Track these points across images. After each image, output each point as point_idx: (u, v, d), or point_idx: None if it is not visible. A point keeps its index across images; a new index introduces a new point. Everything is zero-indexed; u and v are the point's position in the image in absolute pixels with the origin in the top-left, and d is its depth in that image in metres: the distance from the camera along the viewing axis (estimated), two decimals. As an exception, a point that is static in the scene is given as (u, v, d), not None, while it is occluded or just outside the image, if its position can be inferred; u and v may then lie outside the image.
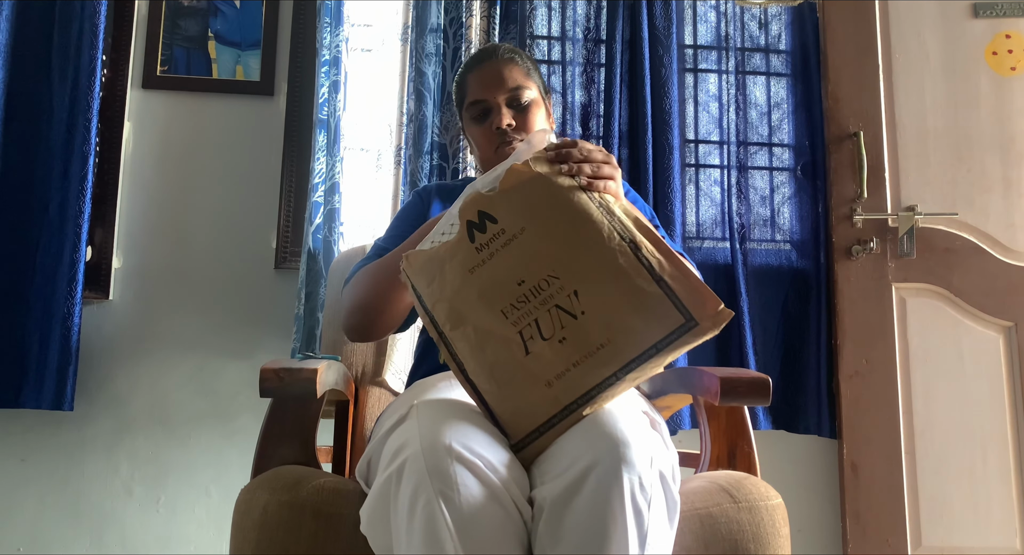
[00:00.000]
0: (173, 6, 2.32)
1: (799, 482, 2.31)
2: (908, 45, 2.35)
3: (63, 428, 2.16)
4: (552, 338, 1.03)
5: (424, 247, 1.13)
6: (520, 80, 1.48)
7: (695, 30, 2.43)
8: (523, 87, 1.48)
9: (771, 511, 1.20)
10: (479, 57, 1.53)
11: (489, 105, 1.48)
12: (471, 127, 1.52)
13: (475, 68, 1.51)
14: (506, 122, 1.46)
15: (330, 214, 2.12)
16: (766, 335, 2.29)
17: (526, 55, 1.56)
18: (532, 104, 1.49)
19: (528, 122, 1.48)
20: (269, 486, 1.15)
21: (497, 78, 1.48)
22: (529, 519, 1.01)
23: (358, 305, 1.41)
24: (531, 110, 1.48)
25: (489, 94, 1.47)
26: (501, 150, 1.47)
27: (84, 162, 2.09)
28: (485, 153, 1.50)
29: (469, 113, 1.50)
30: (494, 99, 1.47)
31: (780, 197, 2.38)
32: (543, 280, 1.04)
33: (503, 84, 1.47)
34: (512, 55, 1.51)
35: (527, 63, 1.53)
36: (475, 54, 1.57)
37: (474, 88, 1.50)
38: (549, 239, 1.05)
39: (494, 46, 1.55)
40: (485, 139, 1.48)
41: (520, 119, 1.47)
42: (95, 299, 2.20)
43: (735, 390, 1.23)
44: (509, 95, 1.47)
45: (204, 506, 2.19)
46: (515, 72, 1.49)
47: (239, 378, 2.21)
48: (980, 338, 2.26)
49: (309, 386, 1.21)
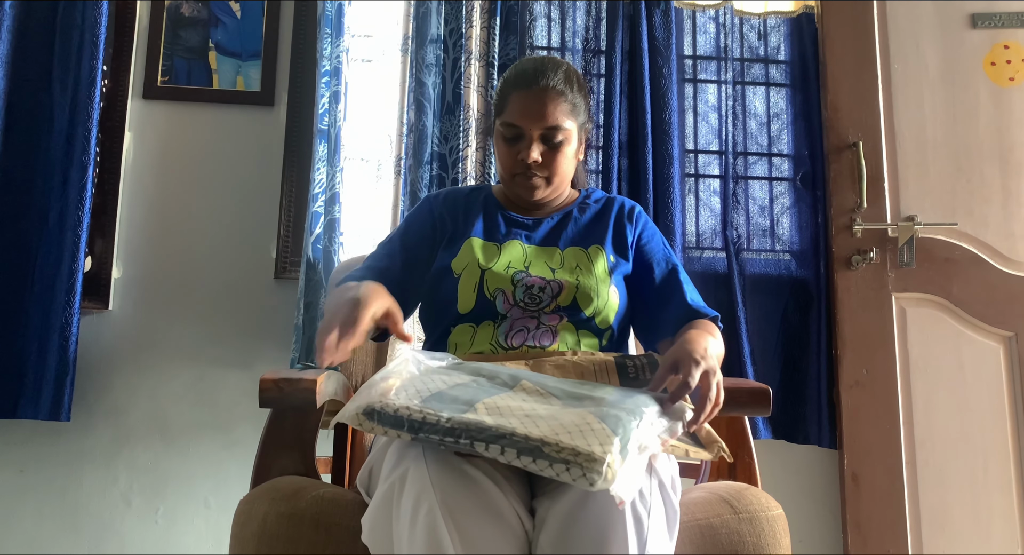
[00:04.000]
0: (174, 17, 2.32)
1: (800, 492, 2.30)
2: (907, 55, 2.36)
3: (62, 438, 2.16)
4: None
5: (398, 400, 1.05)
6: (560, 119, 1.41)
7: (694, 41, 2.44)
8: (560, 127, 1.41)
9: (772, 522, 1.20)
10: (530, 77, 1.42)
11: (523, 133, 1.42)
12: (499, 141, 1.47)
13: (523, 89, 1.42)
14: (533, 157, 1.41)
15: (330, 224, 2.12)
16: (766, 345, 2.29)
17: (578, 84, 1.46)
18: (563, 143, 1.43)
19: (555, 162, 1.44)
20: (268, 497, 1.14)
21: (539, 111, 1.40)
22: (530, 528, 1.01)
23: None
24: (561, 149, 1.43)
25: (526, 124, 1.41)
26: (518, 180, 1.45)
27: (84, 172, 2.09)
28: (503, 171, 1.48)
29: (501, 129, 1.45)
30: (529, 130, 1.41)
31: (780, 207, 2.38)
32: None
33: (543, 119, 1.41)
34: (563, 89, 1.42)
35: (576, 96, 1.44)
36: (527, 68, 1.44)
37: (513, 110, 1.42)
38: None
39: (546, 66, 1.43)
40: (509, 161, 1.45)
41: (548, 156, 1.43)
42: (94, 309, 2.19)
43: (735, 400, 1.23)
44: (545, 131, 1.41)
45: (203, 517, 2.18)
46: (559, 109, 1.41)
47: (238, 388, 2.21)
48: (980, 348, 2.26)
49: (309, 396, 1.21)
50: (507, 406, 1.01)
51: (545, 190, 1.47)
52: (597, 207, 1.56)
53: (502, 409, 1.00)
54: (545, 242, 1.48)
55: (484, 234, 1.48)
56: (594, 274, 1.42)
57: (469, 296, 1.39)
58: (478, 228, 1.49)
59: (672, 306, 1.47)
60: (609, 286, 1.42)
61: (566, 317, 1.40)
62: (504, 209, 1.53)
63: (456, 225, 1.51)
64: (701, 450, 1.01)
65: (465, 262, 1.42)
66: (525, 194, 1.47)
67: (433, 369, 1.16)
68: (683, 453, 1.01)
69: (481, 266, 1.41)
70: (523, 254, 1.45)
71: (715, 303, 2.25)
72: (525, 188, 1.45)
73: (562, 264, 1.44)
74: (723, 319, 1.51)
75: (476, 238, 1.46)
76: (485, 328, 1.39)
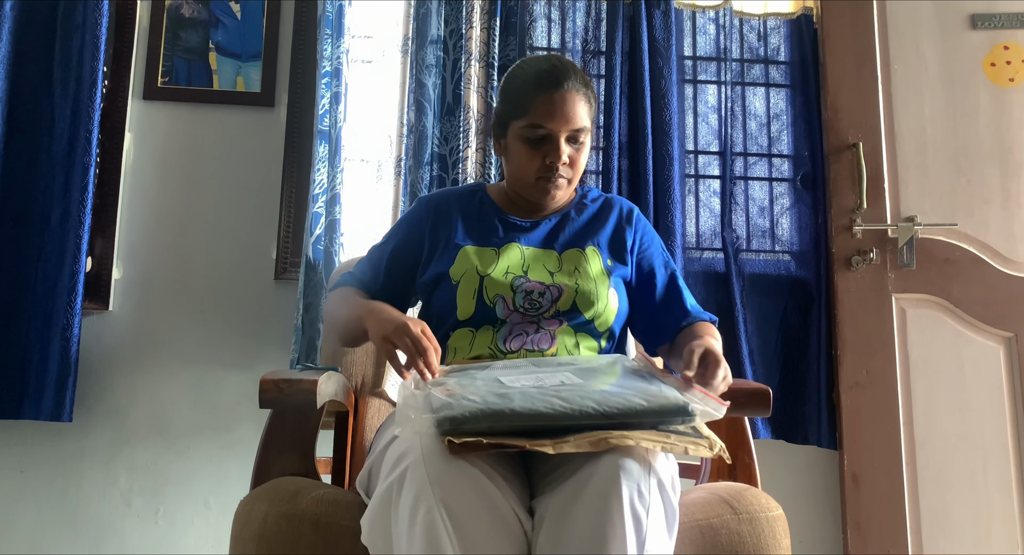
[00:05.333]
0: (174, 17, 2.33)
1: (800, 493, 2.30)
2: (907, 56, 2.36)
3: (62, 439, 2.16)
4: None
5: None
6: (585, 120, 1.41)
7: (694, 42, 2.44)
8: (586, 128, 1.42)
9: (772, 522, 1.20)
10: (554, 79, 1.40)
11: (550, 135, 1.40)
12: (519, 144, 1.43)
13: (549, 91, 1.39)
14: (564, 159, 1.41)
15: (330, 225, 2.12)
16: (766, 346, 2.29)
17: (590, 84, 1.46)
18: (584, 144, 1.44)
19: (579, 162, 1.44)
20: (268, 497, 1.15)
21: (569, 113, 1.39)
22: (529, 528, 1.01)
23: (330, 333, 1.46)
24: (583, 150, 1.44)
25: (555, 126, 1.39)
26: (541, 183, 1.43)
27: (85, 173, 2.10)
28: (523, 174, 1.45)
29: (524, 131, 1.41)
30: (557, 132, 1.40)
31: (780, 208, 2.38)
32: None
33: (572, 121, 1.40)
34: (584, 89, 1.42)
35: (591, 96, 1.45)
36: (549, 70, 1.42)
37: (540, 111, 1.39)
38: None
39: (565, 67, 1.43)
40: (531, 163, 1.42)
41: (573, 157, 1.43)
42: (95, 310, 2.19)
43: (735, 400, 1.23)
44: (572, 133, 1.41)
45: (203, 517, 2.18)
46: (584, 110, 1.41)
47: (238, 389, 2.21)
48: (980, 349, 2.26)
49: (309, 397, 1.22)
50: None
51: (565, 191, 1.47)
52: (595, 208, 1.55)
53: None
54: (543, 245, 1.48)
55: (479, 239, 1.47)
56: (591, 277, 1.42)
57: (469, 303, 1.39)
58: (473, 234, 1.48)
59: (672, 312, 1.48)
60: (608, 289, 1.42)
61: (566, 321, 1.40)
62: (501, 212, 1.52)
63: (449, 231, 1.49)
64: (701, 446, 1.02)
65: (463, 269, 1.42)
66: (543, 197, 1.45)
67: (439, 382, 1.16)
68: (682, 451, 1.01)
69: (480, 273, 1.41)
70: (521, 258, 1.44)
71: (715, 304, 2.25)
72: (545, 191, 1.44)
73: (560, 267, 1.44)
74: (722, 320, 1.53)
75: (469, 246, 1.45)
76: (484, 333, 1.39)
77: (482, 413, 1.00)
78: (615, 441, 0.99)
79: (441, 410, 1.01)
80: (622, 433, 1.00)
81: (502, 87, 1.50)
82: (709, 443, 1.03)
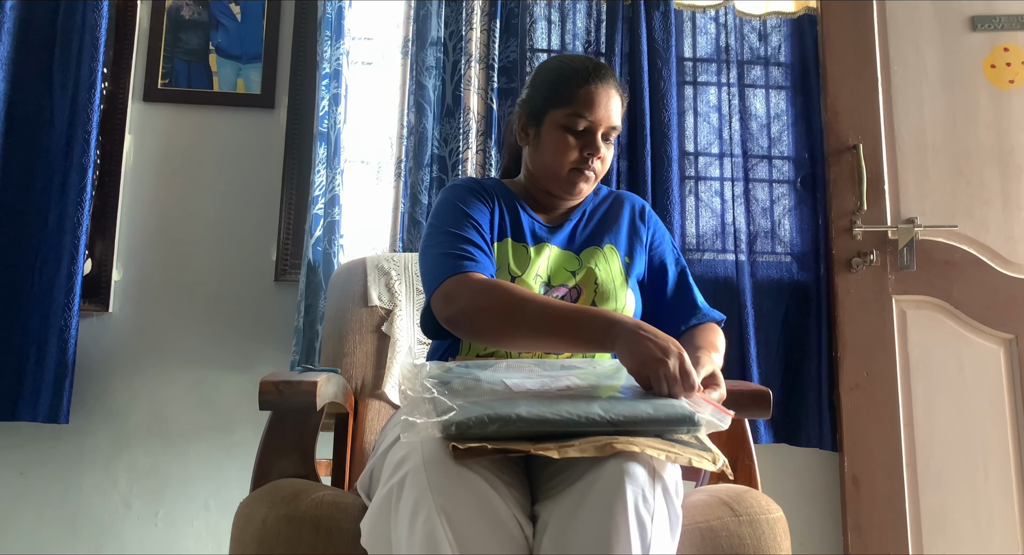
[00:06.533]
0: (174, 19, 2.33)
1: (800, 495, 2.30)
2: (907, 58, 2.36)
3: (62, 441, 2.16)
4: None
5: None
6: (619, 120, 1.43)
7: (694, 42, 2.44)
8: (618, 128, 1.44)
9: (772, 524, 1.20)
10: (600, 74, 1.42)
11: (592, 128, 1.40)
12: (558, 132, 1.41)
13: (596, 83, 1.40)
14: (600, 153, 1.41)
15: (330, 226, 2.12)
16: (767, 347, 2.29)
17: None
18: (612, 145, 1.45)
19: (607, 161, 1.45)
20: (268, 499, 1.14)
21: (612, 109, 1.41)
22: (531, 534, 1.01)
23: (516, 328, 1.25)
24: (611, 149, 1.45)
25: (598, 118, 1.40)
26: (573, 175, 1.42)
27: (83, 174, 2.09)
28: (555, 165, 1.42)
29: (566, 120, 1.40)
30: (597, 125, 1.40)
31: (780, 209, 2.38)
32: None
33: (611, 117, 1.41)
34: (621, 92, 1.45)
35: (625, 100, 1.47)
36: (595, 65, 1.43)
37: (587, 102, 1.39)
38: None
39: (608, 67, 1.45)
40: (567, 154, 1.40)
41: (603, 155, 1.43)
42: (94, 311, 2.19)
43: (736, 403, 1.23)
44: (607, 130, 1.42)
45: (203, 519, 2.18)
46: (619, 110, 1.43)
47: (238, 391, 2.21)
48: (980, 350, 2.26)
49: (309, 399, 1.21)
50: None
51: (590, 187, 1.46)
52: (606, 204, 1.55)
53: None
54: (565, 246, 1.47)
55: (515, 234, 1.45)
56: (611, 276, 1.42)
57: None
58: (511, 226, 1.46)
59: (682, 309, 1.49)
60: (626, 290, 1.43)
61: None
62: (528, 208, 1.49)
63: (497, 219, 1.46)
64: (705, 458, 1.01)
65: (499, 265, 1.40)
66: (571, 189, 1.44)
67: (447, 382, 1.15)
68: (686, 462, 1.01)
69: (512, 273, 1.39)
70: (548, 262, 1.43)
71: (715, 305, 2.24)
72: (574, 183, 1.42)
73: (580, 266, 1.44)
74: (725, 322, 1.52)
75: (510, 239, 1.44)
76: None
77: (488, 419, 0.99)
78: (620, 446, 0.98)
79: (447, 415, 1.01)
80: (627, 439, 1.00)
81: (538, 76, 1.49)
82: (713, 457, 1.03)
